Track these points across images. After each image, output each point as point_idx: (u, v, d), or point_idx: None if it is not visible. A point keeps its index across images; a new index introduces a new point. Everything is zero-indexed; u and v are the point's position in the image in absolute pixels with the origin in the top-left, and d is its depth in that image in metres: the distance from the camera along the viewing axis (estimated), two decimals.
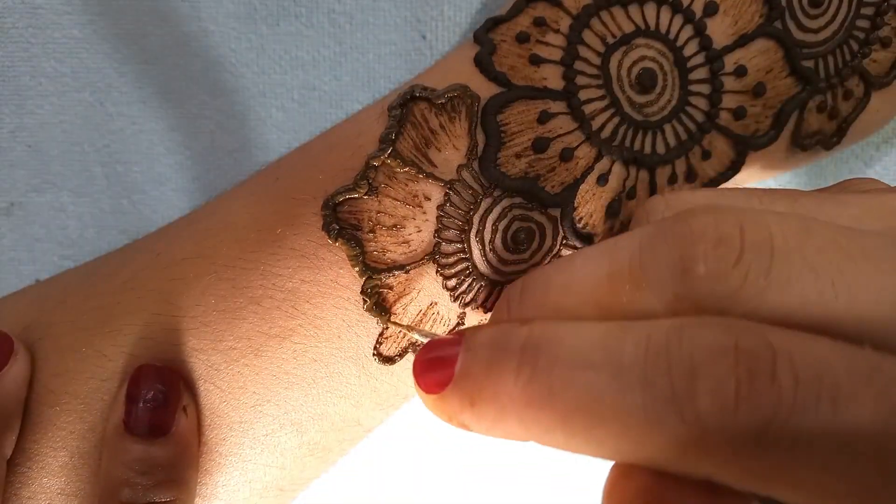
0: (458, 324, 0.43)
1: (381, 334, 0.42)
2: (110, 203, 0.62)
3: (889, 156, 0.63)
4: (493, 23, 0.44)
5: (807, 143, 0.47)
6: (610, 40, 0.43)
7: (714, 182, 0.45)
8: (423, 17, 0.63)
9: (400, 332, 0.42)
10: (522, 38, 0.44)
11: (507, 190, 0.42)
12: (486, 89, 0.43)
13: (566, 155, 0.42)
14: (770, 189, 0.35)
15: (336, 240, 0.41)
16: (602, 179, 0.43)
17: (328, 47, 0.63)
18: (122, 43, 0.62)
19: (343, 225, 0.41)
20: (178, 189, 0.63)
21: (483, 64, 0.44)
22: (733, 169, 0.45)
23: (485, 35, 0.44)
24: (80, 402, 0.42)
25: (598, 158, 0.43)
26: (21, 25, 0.61)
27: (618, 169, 0.43)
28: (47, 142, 0.62)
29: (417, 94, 0.43)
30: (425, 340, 0.36)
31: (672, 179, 0.44)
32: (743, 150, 0.45)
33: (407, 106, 0.43)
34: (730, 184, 0.48)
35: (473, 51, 0.44)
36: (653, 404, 0.28)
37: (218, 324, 0.42)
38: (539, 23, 0.44)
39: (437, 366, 0.33)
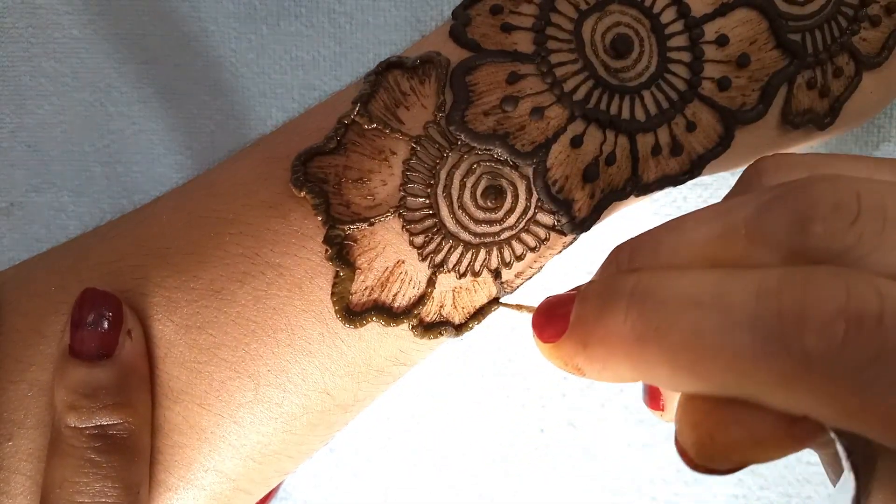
0: (427, 289, 0.43)
1: (334, 285, 0.42)
2: (110, 203, 0.63)
3: (889, 156, 0.63)
4: (472, 0, 0.45)
5: (798, 121, 0.46)
6: (583, 7, 0.43)
7: (703, 159, 0.45)
8: (423, 17, 0.63)
9: (365, 289, 0.42)
10: (496, 10, 0.44)
11: (474, 142, 0.41)
12: (457, 56, 0.44)
13: (536, 114, 0.42)
14: (874, 157, 0.37)
15: (301, 190, 0.41)
16: (576, 141, 0.42)
17: (328, 47, 0.63)
18: (122, 43, 0.62)
19: (311, 178, 0.41)
20: None
21: (456, 33, 0.44)
22: (722, 145, 0.45)
23: (461, 11, 0.45)
24: (42, 336, 0.42)
25: (570, 120, 0.42)
26: (21, 25, 0.62)
27: (593, 132, 0.43)
28: (47, 142, 0.62)
29: (392, 61, 0.43)
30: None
31: (656, 150, 0.43)
32: (730, 125, 0.44)
33: (381, 73, 0.43)
34: (724, 164, 0.48)
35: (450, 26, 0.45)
36: (760, 343, 0.29)
37: (183, 264, 0.43)
38: None
39: (555, 319, 0.34)
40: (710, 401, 0.32)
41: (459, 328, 0.44)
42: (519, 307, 0.43)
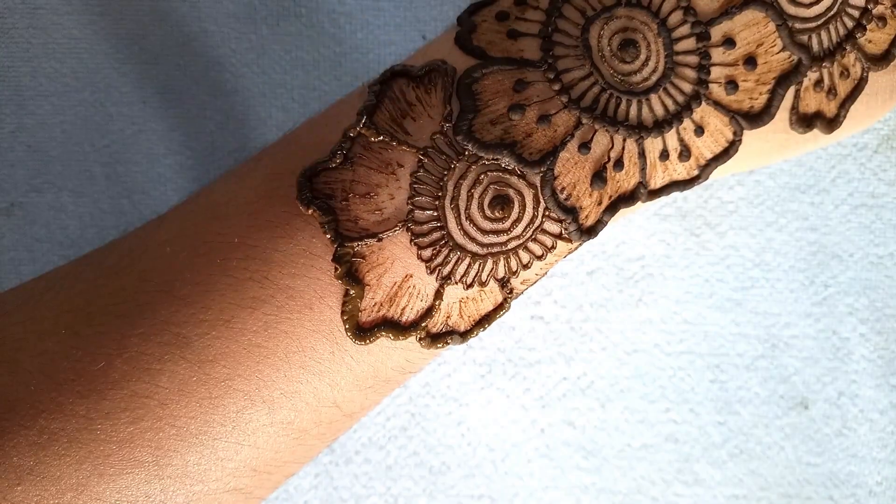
0: (435, 301, 0.43)
1: (344, 303, 0.42)
2: (110, 203, 0.62)
3: (887, 157, 0.63)
4: (476, 6, 0.45)
5: (805, 125, 0.47)
6: (590, 13, 0.43)
7: (711, 164, 0.44)
8: (424, 17, 0.63)
9: (374, 305, 0.42)
10: (502, 17, 0.44)
11: (482, 152, 0.41)
12: (463, 63, 0.43)
13: (543, 121, 0.42)
14: None
15: (309, 207, 0.41)
16: (584, 148, 0.42)
17: (329, 47, 0.63)
18: (122, 43, 0.62)
19: (317, 195, 0.41)
20: (178, 189, 0.63)
21: (461, 40, 0.44)
22: (730, 149, 0.44)
23: (467, 17, 0.44)
24: (56, 383, 0.41)
25: (577, 126, 0.42)
26: (21, 25, 0.61)
27: (601, 138, 0.43)
28: (47, 142, 0.62)
29: (396, 70, 0.43)
30: None
31: (664, 155, 0.43)
32: (738, 129, 0.44)
33: (386, 82, 0.43)
34: (729, 168, 0.48)
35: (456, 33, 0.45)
36: None
37: (191, 296, 0.42)
38: (520, 2, 0.44)
39: None
40: None
41: (465, 335, 0.44)
42: None
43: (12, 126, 0.62)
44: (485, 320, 0.44)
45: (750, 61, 0.44)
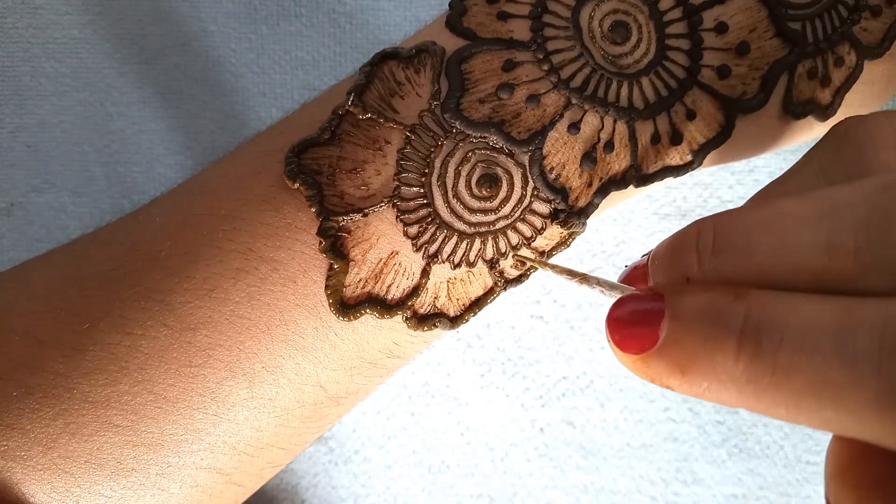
0: (421, 280, 0.43)
1: (328, 278, 0.42)
2: (110, 203, 0.63)
3: None
4: None
5: (799, 111, 0.46)
6: None
7: (704, 149, 0.44)
8: (424, 17, 0.63)
9: (359, 281, 0.42)
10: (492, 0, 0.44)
11: (469, 130, 0.41)
12: (453, 45, 0.44)
13: (532, 101, 0.42)
14: None
15: (295, 182, 0.41)
16: (573, 128, 0.42)
17: (328, 47, 0.63)
18: (122, 43, 0.62)
19: (304, 170, 0.41)
20: None
21: (452, 23, 0.44)
22: (723, 134, 0.44)
23: (458, 1, 0.45)
24: (39, 342, 0.42)
25: (567, 106, 0.42)
26: (21, 25, 0.62)
27: (591, 119, 0.43)
28: (47, 142, 0.62)
29: (387, 53, 0.43)
30: (604, 290, 0.36)
31: (655, 139, 0.43)
32: (731, 113, 0.44)
33: (377, 64, 0.43)
34: (724, 156, 0.47)
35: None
36: (887, 393, 0.27)
37: (176, 265, 0.42)
38: None
39: (637, 325, 0.32)
40: (871, 468, 0.31)
41: (455, 320, 0.44)
42: (570, 273, 0.39)
43: (12, 126, 0.62)
44: (475, 305, 0.44)
45: (742, 46, 0.44)
